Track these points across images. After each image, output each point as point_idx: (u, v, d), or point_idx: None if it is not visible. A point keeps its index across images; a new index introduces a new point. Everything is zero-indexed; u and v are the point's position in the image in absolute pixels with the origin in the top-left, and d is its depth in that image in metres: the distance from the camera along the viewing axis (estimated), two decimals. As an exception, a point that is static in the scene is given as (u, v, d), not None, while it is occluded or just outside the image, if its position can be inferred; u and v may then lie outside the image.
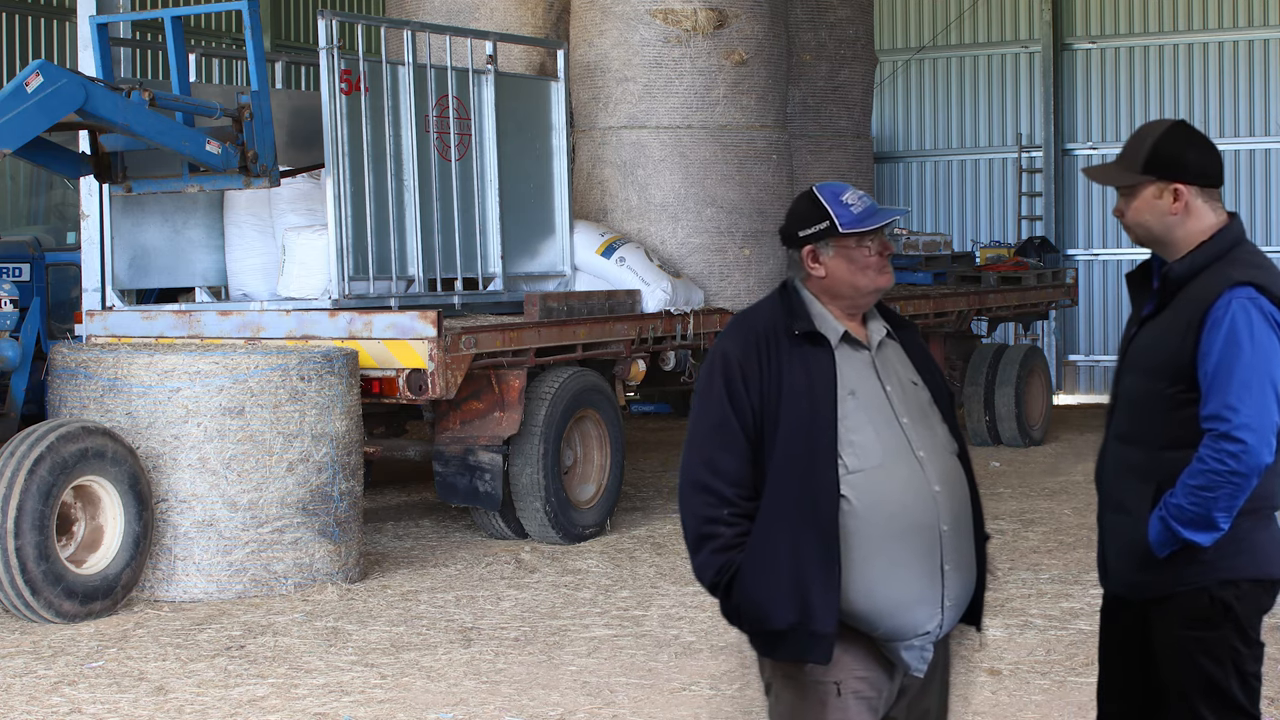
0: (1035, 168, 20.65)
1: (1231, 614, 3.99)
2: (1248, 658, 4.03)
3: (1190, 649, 4.00)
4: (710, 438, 3.80)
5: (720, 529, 3.77)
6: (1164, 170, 4.04)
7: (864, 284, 3.84)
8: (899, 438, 3.77)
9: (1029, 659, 7.25)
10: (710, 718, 6.55)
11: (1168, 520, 3.93)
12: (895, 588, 3.71)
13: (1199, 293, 3.95)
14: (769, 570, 3.70)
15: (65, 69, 8.86)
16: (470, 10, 12.06)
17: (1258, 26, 19.70)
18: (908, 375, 3.89)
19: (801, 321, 3.82)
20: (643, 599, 8.65)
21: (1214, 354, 3.87)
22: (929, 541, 3.73)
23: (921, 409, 3.85)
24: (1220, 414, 3.85)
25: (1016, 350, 15.29)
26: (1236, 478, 3.84)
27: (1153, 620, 4.08)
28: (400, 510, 11.69)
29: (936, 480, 3.76)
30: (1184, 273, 4.00)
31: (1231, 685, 4.00)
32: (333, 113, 9.54)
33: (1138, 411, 4.07)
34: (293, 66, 16.43)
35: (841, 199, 3.85)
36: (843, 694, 3.74)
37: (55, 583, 8.12)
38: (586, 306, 10.60)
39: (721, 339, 3.91)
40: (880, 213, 3.86)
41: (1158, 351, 4.02)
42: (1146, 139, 4.08)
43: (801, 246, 3.86)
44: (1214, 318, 3.89)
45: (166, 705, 6.77)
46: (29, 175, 11.68)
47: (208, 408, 8.67)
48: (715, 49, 11.58)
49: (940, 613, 3.76)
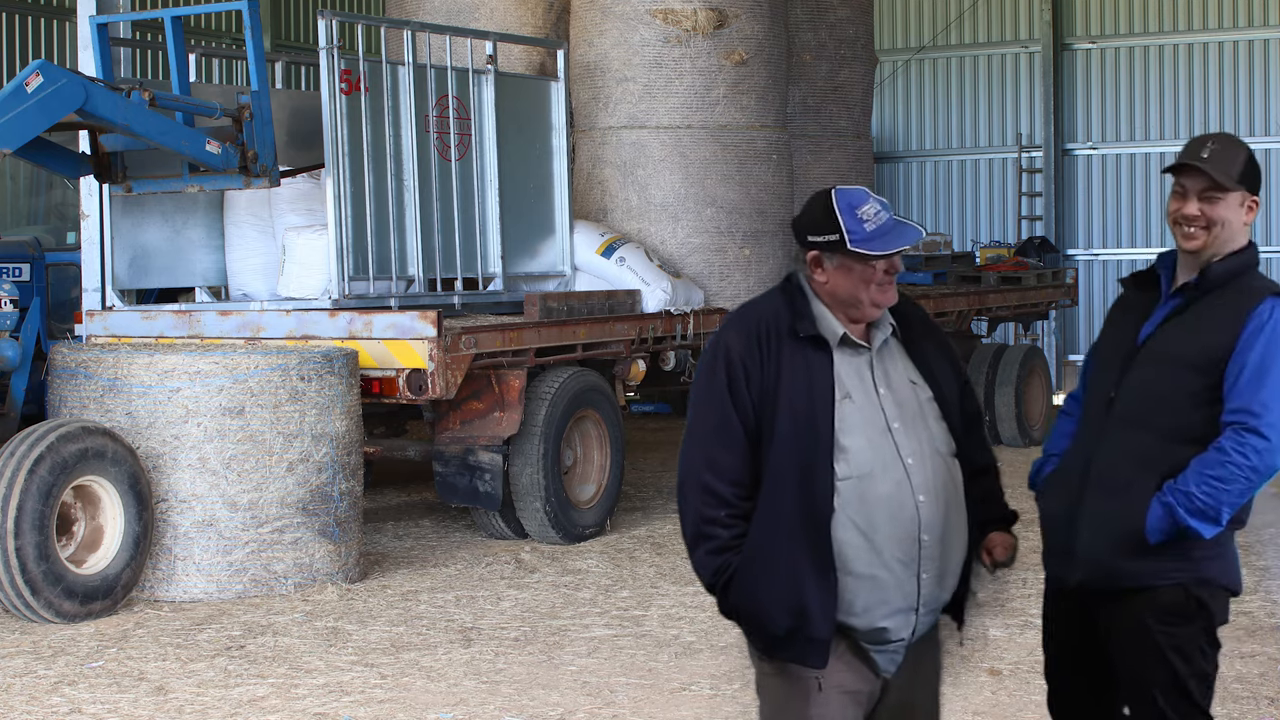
0: (1035, 168, 20.66)
1: (1205, 612, 4.08)
2: (1211, 660, 4.13)
3: (1159, 642, 4.06)
4: (711, 436, 3.78)
5: (717, 530, 3.77)
6: (1252, 184, 4.17)
7: (864, 300, 3.81)
8: (888, 444, 3.75)
9: (1029, 659, 7.24)
10: (710, 718, 6.56)
11: (1173, 507, 3.98)
12: (870, 596, 3.72)
13: (1237, 294, 4.07)
14: (766, 575, 3.71)
15: (65, 69, 8.86)
16: (470, 10, 12.06)
17: (1258, 26, 19.71)
18: (906, 376, 3.87)
19: (805, 323, 3.79)
20: (643, 599, 8.65)
21: (1253, 354, 3.98)
22: (908, 553, 3.73)
23: (918, 410, 3.83)
24: (1250, 408, 3.95)
25: (1016, 350, 15.30)
26: (1254, 474, 3.94)
27: (1119, 610, 4.12)
28: (400, 510, 11.70)
29: (921, 489, 3.75)
30: (1223, 274, 4.11)
31: (1192, 684, 4.09)
32: (333, 113, 9.54)
33: (1152, 400, 4.11)
34: (293, 66, 16.44)
35: (857, 212, 3.77)
36: (824, 689, 3.76)
37: (55, 583, 8.12)
38: (586, 306, 10.60)
39: (723, 331, 3.87)
40: (894, 236, 3.77)
41: (1190, 346, 4.08)
42: (1239, 152, 4.17)
43: (808, 250, 3.84)
44: (1257, 319, 4.01)
45: (166, 705, 6.77)
46: (29, 175, 11.68)
47: (208, 408, 8.67)
48: (715, 49, 11.58)
49: (915, 619, 3.78)
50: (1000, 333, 18.92)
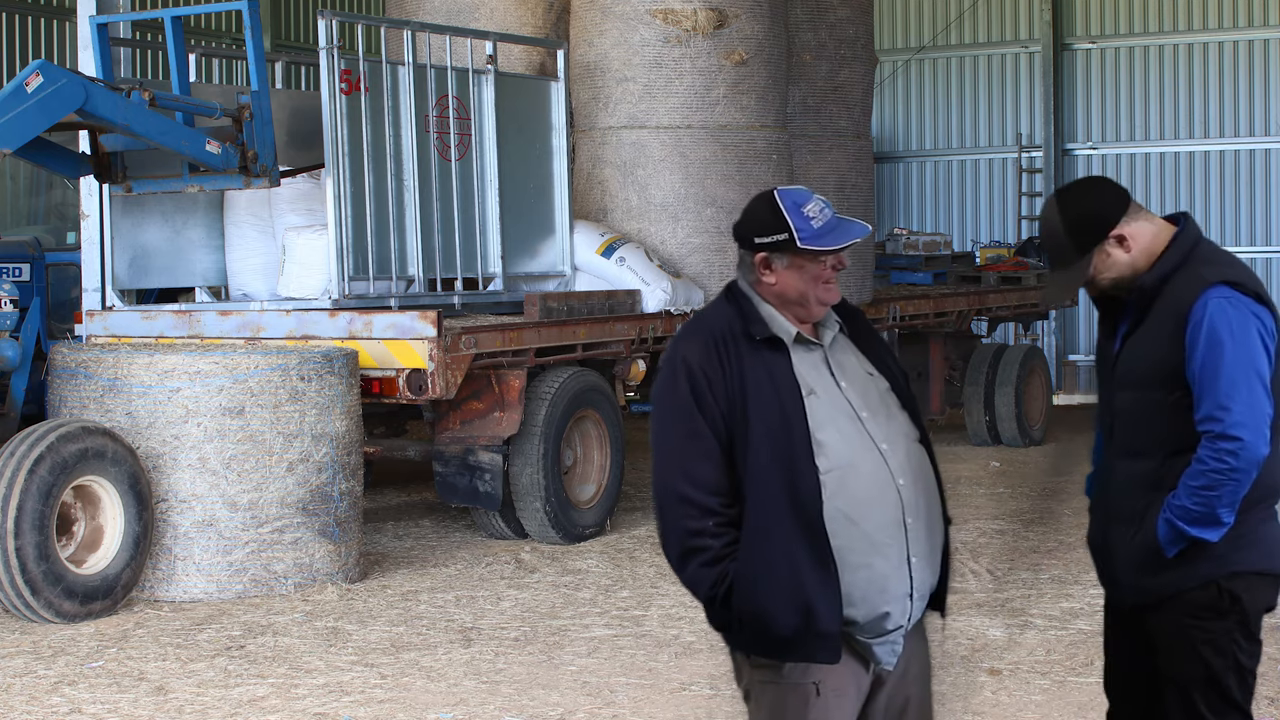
0: (1035, 168, 20.65)
1: (1239, 605, 4.06)
2: (1247, 653, 4.10)
3: (1194, 639, 4.06)
4: (684, 448, 3.74)
5: (708, 541, 3.73)
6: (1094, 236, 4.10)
7: (812, 299, 3.80)
8: (861, 433, 3.76)
9: (1029, 659, 7.25)
10: (710, 718, 6.56)
11: (1174, 521, 4.00)
12: (867, 586, 3.72)
13: (1175, 298, 4.03)
14: (767, 577, 3.69)
15: (65, 69, 8.86)
16: (470, 10, 12.05)
17: (1258, 26, 19.70)
18: (863, 367, 3.88)
19: (758, 326, 3.78)
20: (643, 599, 8.65)
21: (1198, 355, 3.95)
22: (896, 537, 3.73)
23: (880, 399, 3.84)
24: (1213, 414, 3.93)
25: (1016, 350, 15.29)
26: (1237, 474, 3.92)
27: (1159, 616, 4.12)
28: (400, 510, 11.70)
29: (900, 473, 3.76)
30: (1155, 281, 4.08)
31: (1229, 679, 4.07)
32: (333, 113, 9.54)
33: (1139, 425, 4.11)
34: (293, 66, 16.44)
35: (804, 210, 3.77)
36: (822, 693, 3.74)
37: (55, 583, 8.12)
38: (586, 306, 10.60)
39: (677, 344, 3.84)
40: (841, 231, 3.77)
41: (1145, 363, 4.08)
42: (1056, 230, 4.13)
43: (755, 252, 3.82)
44: (1194, 320, 3.97)
45: (166, 705, 6.77)
46: (29, 175, 11.68)
47: (208, 408, 8.67)
48: (715, 49, 11.58)
49: (910, 605, 3.78)
50: (1000, 333, 18.92)
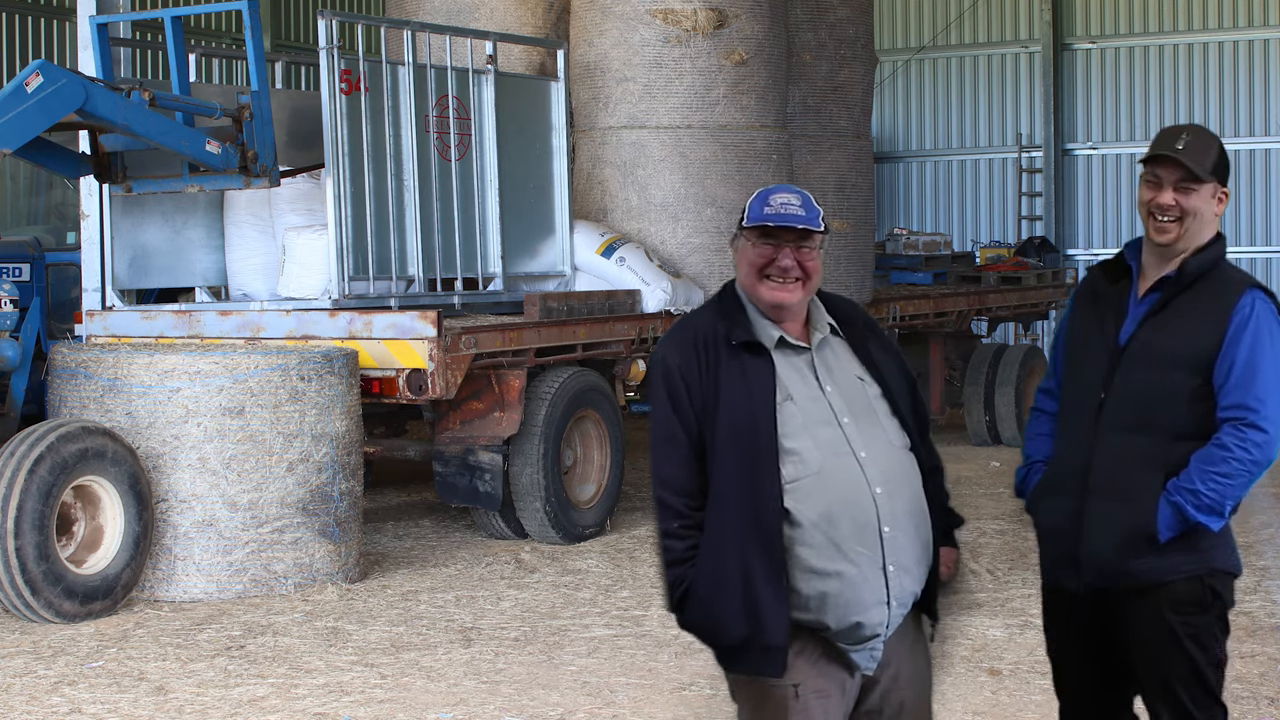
0: (1035, 168, 20.66)
1: (1219, 601, 4.15)
2: (1222, 646, 4.20)
3: (1179, 634, 4.11)
4: (659, 450, 3.80)
5: (672, 543, 3.76)
6: (1223, 176, 4.20)
7: (761, 291, 3.78)
8: (839, 440, 3.73)
9: (1029, 659, 7.25)
10: (710, 718, 6.56)
11: (1181, 505, 4.04)
12: (837, 594, 3.69)
13: (1215, 290, 4.09)
14: (718, 586, 3.69)
15: (65, 69, 8.86)
16: (470, 10, 12.06)
17: (1258, 26, 19.71)
18: (852, 372, 3.84)
19: (739, 330, 3.78)
20: (643, 599, 8.65)
21: (1242, 349, 4.03)
22: (871, 545, 3.70)
23: (866, 406, 3.80)
24: (1248, 404, 4.01)
25: (1016, 350, 15.29)
26: (1256, 467, 4.03)
27: (1134, 609, 4.14)
28: (400, 510, 11.70)
29: (878, 481, 3.72)
30: (1199, 268, 4.13)
31: (1209, 672, 4.15)
32: (333, 113, 9.54)
33: (1150, 403, 4.12)
34: (293, 66, 16.44)
35: (769, 199, 3.77)
36: (801, 695, 3.73)
37: (55, 583, 8.12)
38: (586, 306, 10.60)
39: (662, 346, 3.86)
40: (786, 218, 3.73)
41: (1177, 346, 4.10)
42: (1212, 143, 4.18)
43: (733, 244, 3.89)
44: (1240, 315, 4.05)
45: (166, 705, 6.77)
46: (29, 175, 11.68)
47: (208, 408, 8.67)
48: (715, 49, 11.58)
49: (887, 613, 3.74)
50: (1000, 333, 18.92)
